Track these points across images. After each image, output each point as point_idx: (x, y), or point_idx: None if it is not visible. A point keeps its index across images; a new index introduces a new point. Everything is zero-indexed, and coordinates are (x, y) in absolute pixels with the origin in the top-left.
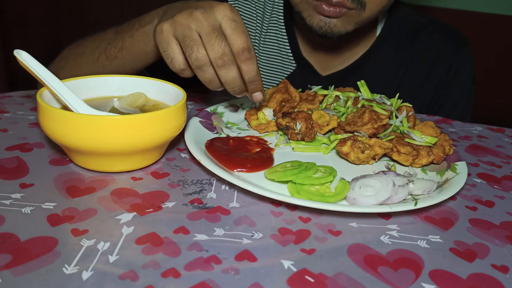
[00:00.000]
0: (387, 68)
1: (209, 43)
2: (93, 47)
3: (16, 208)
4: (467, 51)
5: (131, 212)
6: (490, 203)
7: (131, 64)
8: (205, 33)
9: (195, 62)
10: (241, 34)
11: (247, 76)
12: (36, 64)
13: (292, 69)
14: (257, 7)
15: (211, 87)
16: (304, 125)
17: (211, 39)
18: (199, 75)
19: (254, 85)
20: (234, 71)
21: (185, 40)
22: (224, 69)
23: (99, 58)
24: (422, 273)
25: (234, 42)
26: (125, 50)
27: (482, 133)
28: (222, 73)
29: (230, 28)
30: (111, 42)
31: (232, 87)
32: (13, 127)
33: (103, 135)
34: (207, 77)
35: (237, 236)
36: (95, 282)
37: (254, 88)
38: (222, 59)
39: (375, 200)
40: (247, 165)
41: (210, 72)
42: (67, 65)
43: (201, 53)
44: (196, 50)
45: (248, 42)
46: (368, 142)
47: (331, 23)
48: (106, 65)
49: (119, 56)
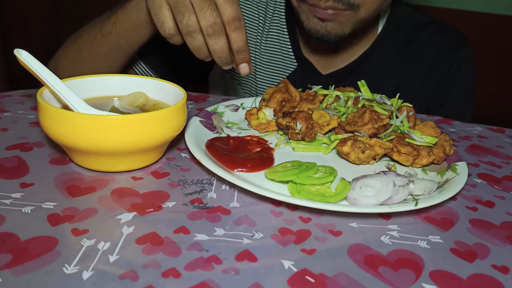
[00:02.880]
0: (387, 66)
1: (201, 11)
2: (89, 30)
3: (16, 208)
4: (467, 51)
5: (131, 212)
6: (490, 204)
7: (125, 39)
8: (198, 1)
9: (185, 28)
10: (232, 4)
11: (236, 45)
12: (36, 63)
13: (293, 68)
14: (259, 6)
15: (199, 55)
16: (305, 125)
17: (203, 7)
18: (188, 41)
19: (242, 55)
20: (223, 41)
21: (177, 6)
22: (213, 38)
23: (95, 37)
24: (423, 273)
25: (225, 11)
26: (119, 23)
27: (482, 133)
28: (212, 42)
29: None
30: (105, 19)
31: (219, 56)
32: (13, 127)
33: (103, 134)
34: (196, 45)
35: (238, 236)
36: (95, 282)
37: (242, 58)
38: (212, 28)
39: (375, 200)
40: (248, 165)
41: (199, 40)
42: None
43: (192, 20)
44: (187, 16)
45: (239, 12)
46: (368, 142)
47: (327, 26)
48: (102, 42)
49: (113, 31)
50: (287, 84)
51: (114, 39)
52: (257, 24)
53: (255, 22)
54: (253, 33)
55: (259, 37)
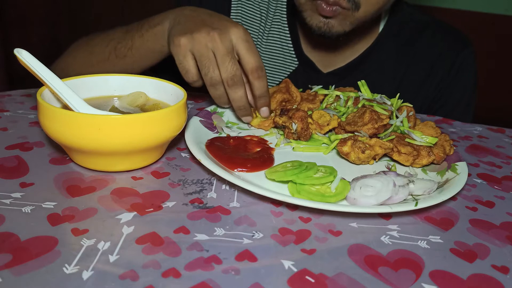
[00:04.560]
0: (388, 65)
1: (223, 65)
2: (103, 46)
3: (16, 208)
4: (469, 52)
5: (131, 212)
6: (490, 204)
7: (139, 62)
8: (221, 54)
9: (209, 80)
10: (254, 55)
11: (258, 91)
12: (36, 63)
13: (294, 67)
14: (261, 5)
15: (219, 102)
16: (300, 125)
17: (225, 61)
18: (211, 91)
19: (263, 100)
20: (242, 91)
21: (202, 60)
22: (233, 88)
23: (109, 57)
24: (423, 273)
25: (248, 61)
26: (135, 49)
27: (482, 133)
28: (231, 91)
29: (244, 49)
30: (121, 41)
31: (238, 105)
32: (13, 126)
33: (103, 134)
34: (218, 94)
35: (238, 236)
36: (95, 282)
37: (263, 103)
38: (232, 79)
39: (375, 200)
40: (248, 165)
41: (221, 90)
42: (76, 63)
43: (216, 74)
44: (212, 70)
45: (260, 62)
46: (368, 142)
47: (329, 24)
48: (116, 63)
49: (128, 55)
50: (288, 84)
51: (128, 62)
52: (258, 23)
53: (257, 21)
54: (254, 32)
55: (261, 35)
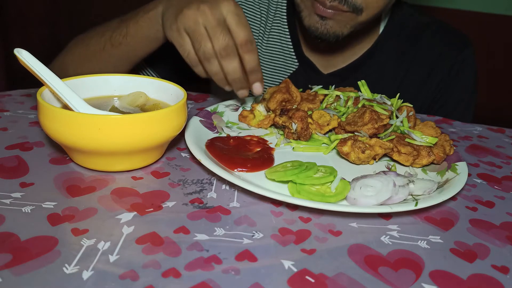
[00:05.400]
0: (388, 66)
1: (215, 36)
2: (98, 37)
3: (16, 208)
4: (469, 52)
5: (131, 212)
6: (490, 204)
7: (135, 50)
8: (211, 26)
9: (202, 55)
10: (244, 28)
11: (248, 65)
12: (36, 63)
13: (294, 68)
14: (261, 6)
15: (217, 80)
16: (300, 125)
17: (216, 32)
18: (206, 67)
19: (254, 75)
20: (235, 62)
21: (194, 35)
22: (227, 59)
23: (104, 46)
24: (423, 273)
25: (238, 35)
26: (130, 36)
27: (482, 133)
28: (225, 63)
29: (234, 22)
30: (116, 30)
31: (233, 77)
32: (13, 126)
33: (103, 134)
34: (213, 69)
35: (238, 236)
36: (95, 282)
37: (255, 78)
38: (225, 50)
39: (375, 200)
40: (248, 164)
41: (215, 65)
42: (74, 58)
43: (208, 47)
44: (204, 44)
45: (250, 35)
46: (368, 142)
47: (327, 25)
48: (112, 52)
49: (123, 43)
50: (288, 84)
51: (124, 50)
52: (258, 24)
53: (257, 22)
54: (254, 33)
55: (261, 37)
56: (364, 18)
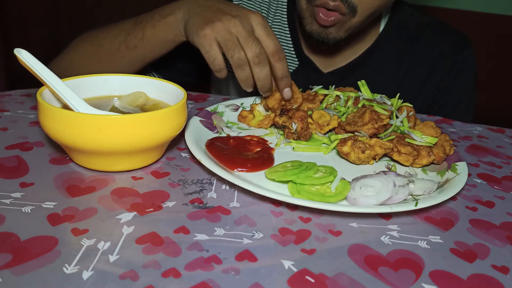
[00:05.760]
0: (388, 66)
1: (247, 45)
2: (111, 38)
3: (16, 208)
4: (469, 52)
5: (131, 212)
6: (490, 204)
7: (150, 52)
8: (244, 37)
9: (236, 61)
10: (273, 38)
11: (280, 73)
12: (36, 63)
13: (294, 67)
14: (262, 6)
15: (245, 85)
16: (300, 125)
17: (248, 42)
18: (238, 73)
19: (285, 81)
20: (267, 69)
21: (227, 44)
22: (259, 66)
23: (119, 48)
24: (423, 273)
25: (269, 44)
26: (146, 40)
27: (482, 133)
28: (257, 70)
29: (264, 33)
30: (131, 32)
31: (263, 84)
32: (13, 126)
33: (103, 134)
34: (244, 75)
35: (238, 236)
36: (95, 282)
37: (285, 83)
38: (258, 57)
39: (375, 200)
40: (248, 164)
41: (247, 71)
42: (83, 57)
43: (242, 54)
44: (238, 52)
45: (279, 45)
46: (368, 142)
47: (327, 31)
48: (126, 54)
49: (139, 46)
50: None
51: (139, 53)
52: None
53: None
54: None
55: None
56: (357, 19)
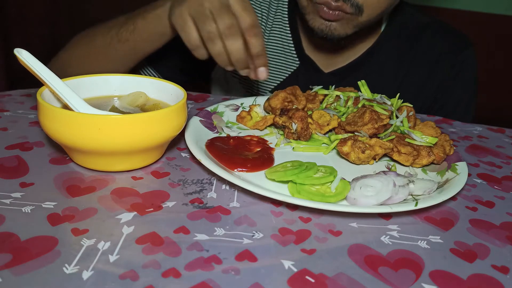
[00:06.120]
0: (389, 66)
1: (219, 17)
2: (105, 33)
3: (16, 208)
4: (470, 52)
5: (131, 212)
6: (490, 204)
7: (141, 46)
8: (216, 9)
9: (206, 34)
10: (249, 13)
11: (254, 49)
12: (36, 63)
13: (295, 67)
14: (262, 5)
15: (220, 61)
16: (300, 125)
17: (220, 13)
18: (209, 47)
19: (260, 60)
20: (239, 42)
21: (199, 16)
22: (230, 39)
23: (111, 42)
24: (423, 273)
25: (244, 19)
26: (137, 32)
27: (482, 133)
28: (229, 43)
29: (239, 7)
30: (123, 25)
31: (236, 57)
32: (13, 126)
33: (103, 134)
34: (217, 50)
35: (238, 236)
36: (95, 282)
37: (261, 62)
38: (229, 29)
39: (375, 200)
40: (248, 164)
41: (219, 45)
42: (79, 55)
43: (212, 27)
44: (208, 24)
45: (256, 20)
46: (368, 142)
47: (331, 26)
48: (118, 48)
49: (130, 39)
50: (295, 89)
51: (130, 46)
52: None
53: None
54: None
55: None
56: (365, 18)
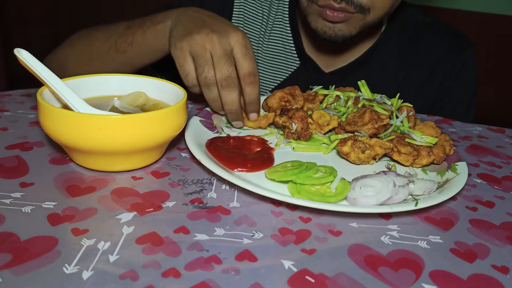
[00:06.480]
0: (390, 66)
1: (219, 65)
2: (103, 39)
3: (16, 208)
4: (470, 53)
5: (131, 212)
6: (490, 204)
7: (139, 58)
8: (217, 56)
9: (203, 80)
10: (250, 60)
11: (248, 97)
12: (36, 62)
13: (295, 66)
14: (263, 5)
15: (214, 106)
16: (300, 125)
17: (221, 62)
18: (205, 93)
19: (252, 107)
20: (234, 94)
21: (198, 59)
22: (226, 90)
23: (109, 50)
24: (423, 273)
25: (242, 66)
26: (135, 45)
27: (482, 133)
28: (224, 93)
29: (240, 53)
30: (122, 36)
31: (229, 108)
32: (13, 126)
33: (103, 134)
34: (212, 96)
35: (238, 236)
36: (95, 282)
37: (252, 109)
38: (226, 80)
39: (375, 200)
40: (248, 164)
41: (215, 92)
42: (76, 55)
43: (210, 74)
44: (207, 70)
45: (255, 68)
46: (368, 142)
47: (335, 28)
48: (116, 58)
49: (128, 50)
50: (295, 89)
51: (128, 57)
52: (260, 22)
53: (258, 20)
54: (256, 31)
55: (262, 35)
56: (372, 17)
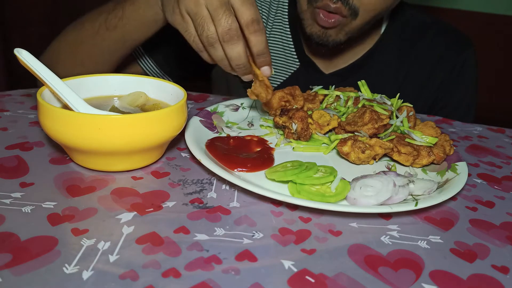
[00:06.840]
0: (390, 66)
1: (217, 18)
2: (92, 21)
3: (16, 207)
4: (470, 53)
5: (131, 212)
6: (490, 204)
7: (131, 34)
8: (213, 8)
9: (206, 40)
10: (250, 6)
11: (255, 48)
12: (36, 62)
13: (295, 68)
14: (263, 6)
15: (223, 65)
16: (300, 126)
17: (218, 14)
18: (211, 53)
19: (263, 58)
20: (239, 47)
21: (196, 19)
22: (229, 44)
23: (99, 30)
24: (423, 273)
25: (243, 14)
26: (126, 19)
27: (482, 133)
28: (228, 48)
29: (238, 1)
30: (111, 12)
31: (236, 64)
32: (13, 126)
33: (103, 134)
34: (218, 55)
35: (238, 236)
36: (95, 281)
37: (263, 61)
38: (228, 33)
39: (375, 200)
40: (248, 164)
41: (220, 49)
42: (67, 45)
43: (211, 31)
44: (207, 27)
45: (257, 14)
46: (368, 142)
47: (327, 33)
48: (106, 36)
49: (119, 25)
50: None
51: (119, 34)
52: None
53: None
54: None
55: None
56: (358, 22)
